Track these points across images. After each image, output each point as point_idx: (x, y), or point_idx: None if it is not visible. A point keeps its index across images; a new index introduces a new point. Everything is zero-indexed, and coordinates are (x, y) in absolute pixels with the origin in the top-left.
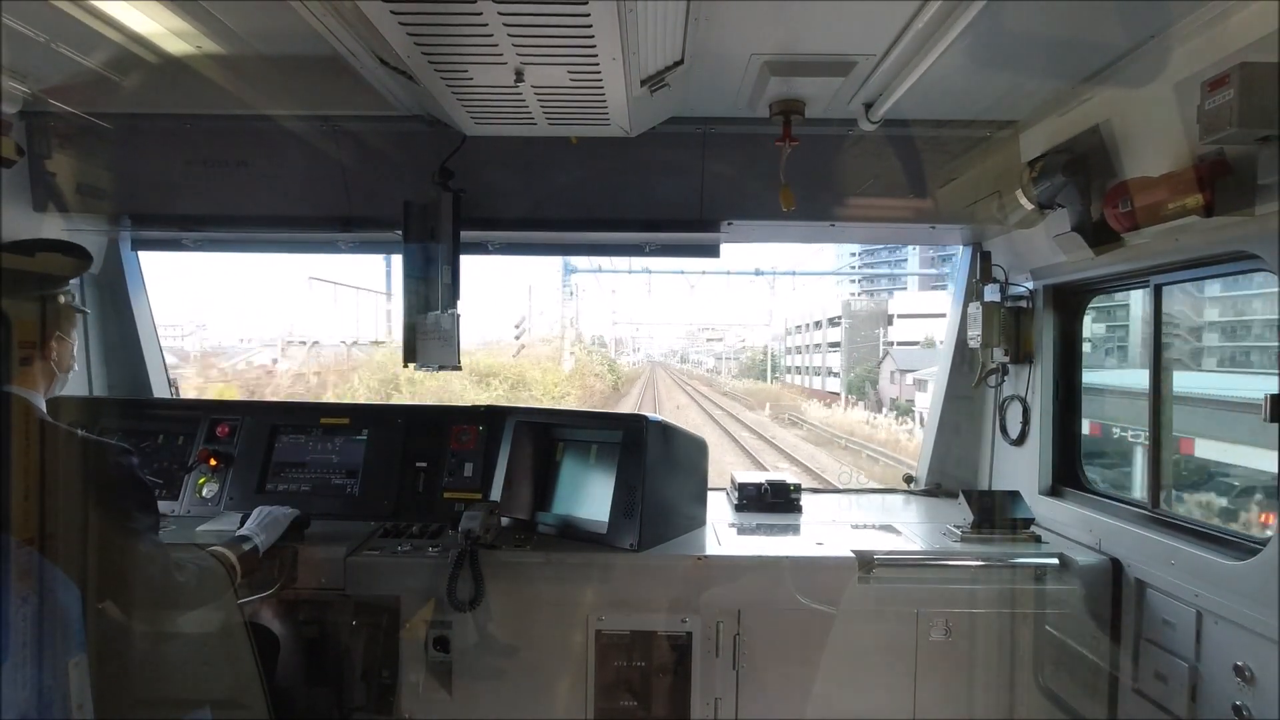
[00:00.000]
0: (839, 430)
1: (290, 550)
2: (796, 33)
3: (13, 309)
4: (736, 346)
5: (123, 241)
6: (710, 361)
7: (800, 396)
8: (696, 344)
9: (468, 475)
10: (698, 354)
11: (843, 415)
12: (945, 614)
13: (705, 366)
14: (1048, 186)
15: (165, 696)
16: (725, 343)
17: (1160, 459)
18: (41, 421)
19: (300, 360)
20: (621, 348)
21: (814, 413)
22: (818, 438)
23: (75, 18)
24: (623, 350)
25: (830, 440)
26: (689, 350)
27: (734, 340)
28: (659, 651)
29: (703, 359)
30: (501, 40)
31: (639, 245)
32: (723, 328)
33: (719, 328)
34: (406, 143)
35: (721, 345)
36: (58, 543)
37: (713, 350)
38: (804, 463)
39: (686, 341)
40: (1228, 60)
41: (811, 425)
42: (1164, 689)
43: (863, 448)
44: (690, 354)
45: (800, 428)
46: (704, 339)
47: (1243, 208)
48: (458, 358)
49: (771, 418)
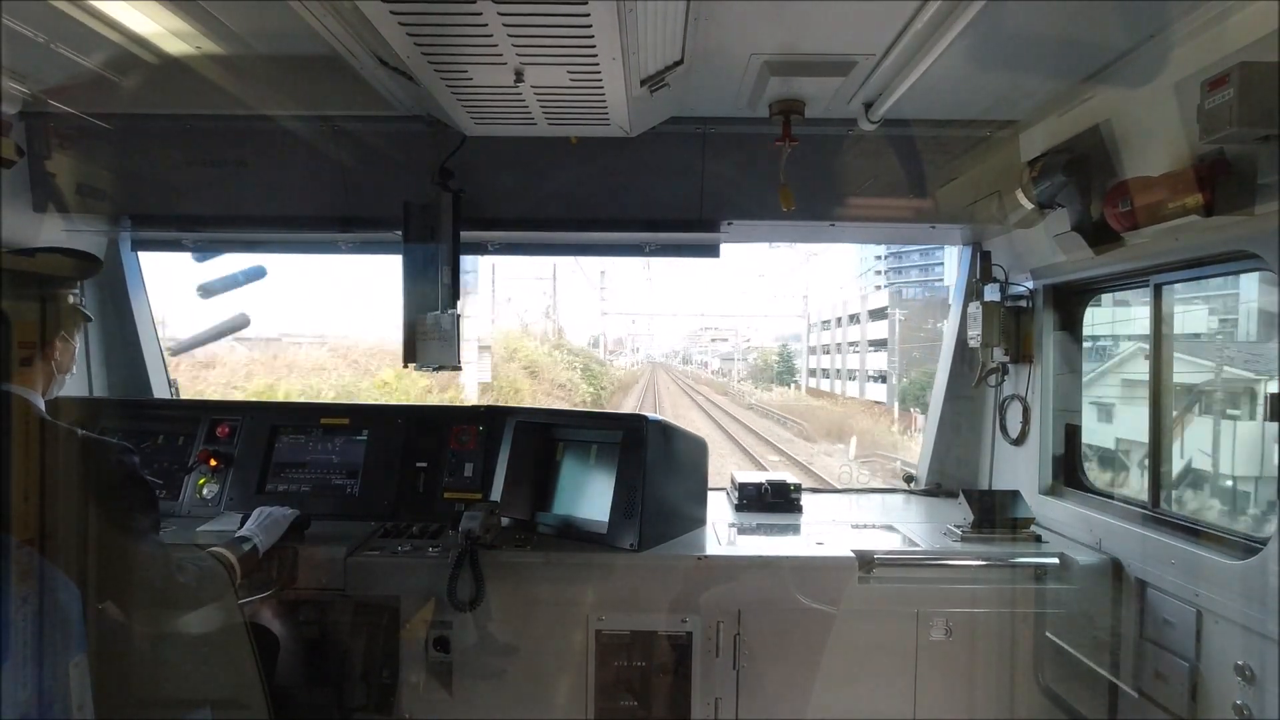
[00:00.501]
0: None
1: (290, 550)
2: (796, 33)
3: (17, 309)
4: (742, 346)
5: (122, 242)
6: (715, 363)
7: (870, 416)
8: (699, 343)
9: (468, 475)
10: (701, 354)
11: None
12: (945, 614)
13: (711, 369)
14: (1048, 186)
15: (165, 697)
16: (730, 343)
17: (1160, 458)
18: (41, 420)
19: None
20: (620, 347)
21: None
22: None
23: (75, 18)
24: (620, 350)
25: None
26: (690, 350)
27: (739, 340)
28: (659, 651)
29: (707, 359)
30: (501, 40)
31: (639, 245)
32: (726, 329)
33: (723, 327)
34: (406, 143)
35: (727, 345)
36: (58, 543)
37: (717, 350)
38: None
39: (688, 341)
40: (1227, 60)
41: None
42: (1164, 688)
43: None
44: (693, 354)
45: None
46: (708, 338)
47: (1242, 207)
48: (458, 358)
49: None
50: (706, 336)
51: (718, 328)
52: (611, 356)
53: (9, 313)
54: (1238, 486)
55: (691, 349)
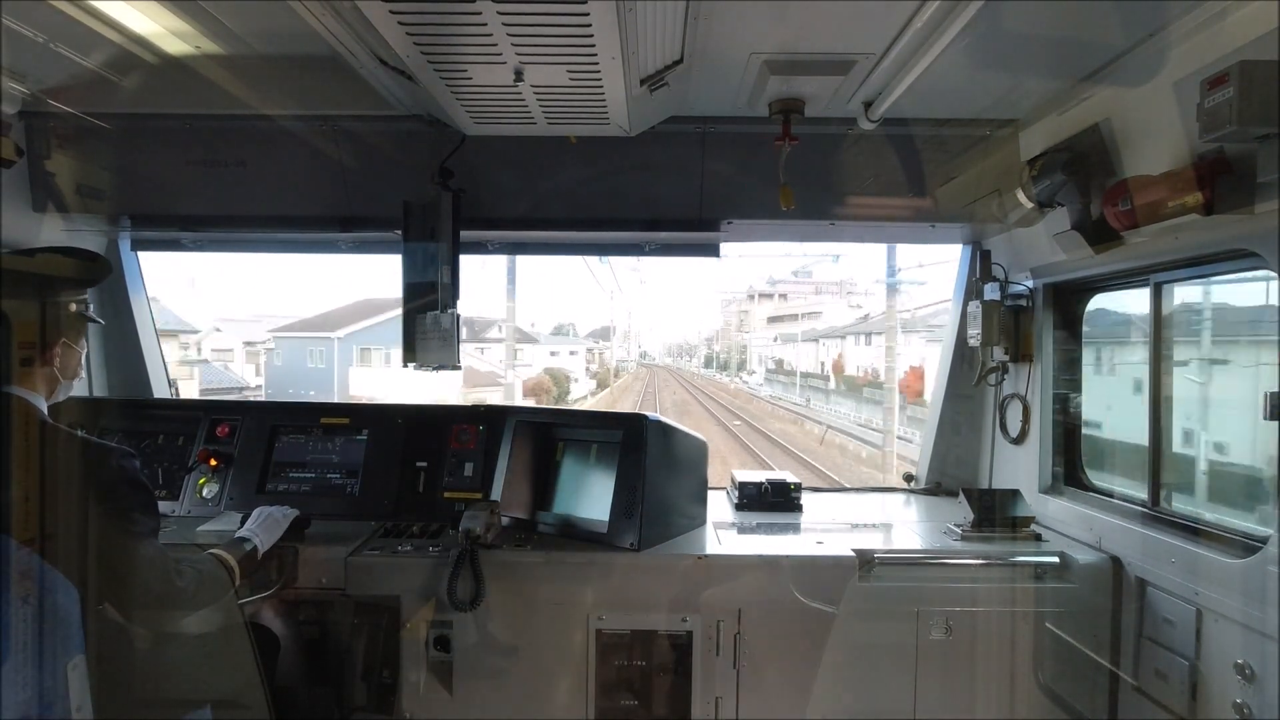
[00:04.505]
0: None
1: (290, 550)
2: (796, 32)
3: (18, 309)
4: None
5: (122, 241)
6: (758, 371)
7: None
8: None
9: (468, 475)
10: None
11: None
12: (945, 613)
13: (754, 380)
14: (1047, 185)
15: (166, 697)
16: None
17: (1160, 457)
18: (42, 423)
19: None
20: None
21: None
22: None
23: (75, 18)
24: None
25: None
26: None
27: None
28: (659, 651)
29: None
30: (501, 40)
31: (638, 245)
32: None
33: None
34: (406, 143)
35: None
36: (58, 544)
37: (767, 352)
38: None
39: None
40: (1227, 58)
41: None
42: (1164, 687)
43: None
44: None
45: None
46: (765, 331)
47: (1242, 206)
48: (457, 357)
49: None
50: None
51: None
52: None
53: (10, 313)
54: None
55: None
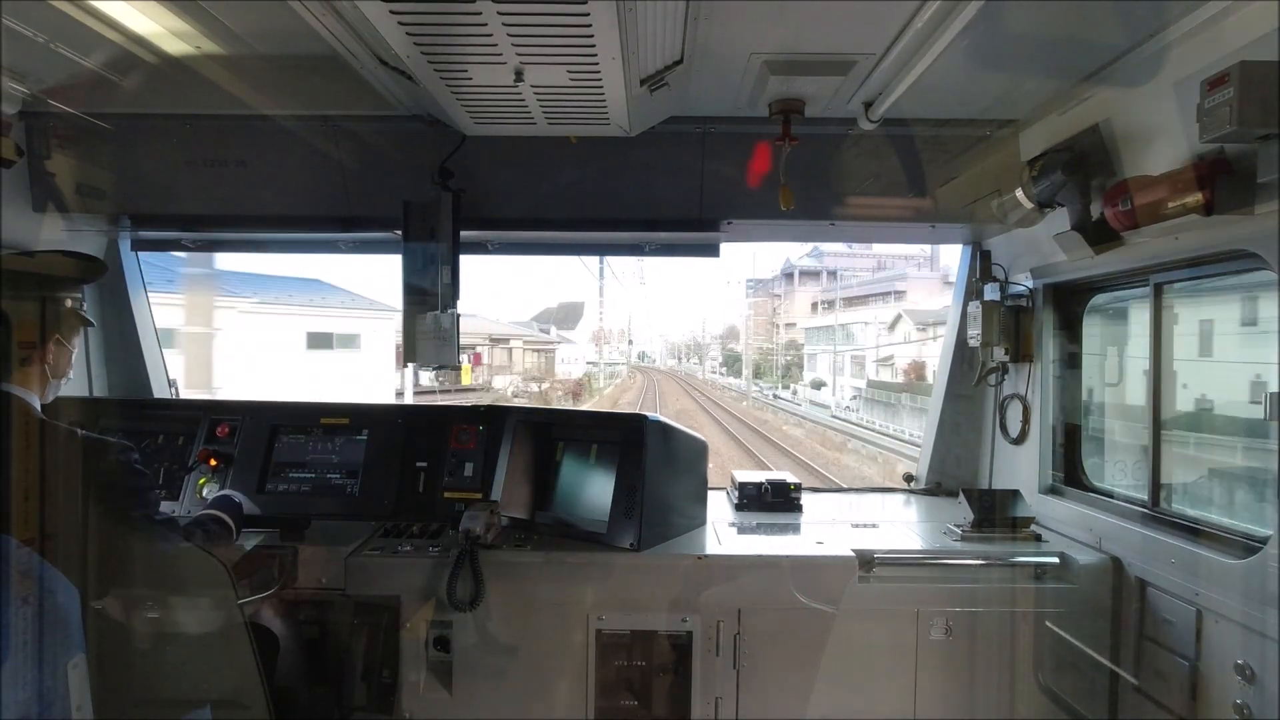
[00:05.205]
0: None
1: (290, 550)
2: (796, 32)
3: (16, 309)
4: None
5: (122, 241)
6: (832, 382)
7: None
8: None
9: (468, 475)
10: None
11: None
12: (945, 613)
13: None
14: (1047, 185)
15: (165, 696)
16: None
17: (1160, 458)
18: (41, 421)
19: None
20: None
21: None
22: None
23: (75, 18)
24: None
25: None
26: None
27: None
28: (659, 651)
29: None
30: (501, 40)
31: (638, 245)
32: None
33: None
34: (406, 143)
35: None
36: (58, 542)
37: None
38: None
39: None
40: (1227, 59)
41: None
42: (1164, 688)
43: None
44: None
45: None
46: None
47: (1242, 206)
48: (457, 357)
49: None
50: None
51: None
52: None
53: (9, 313)
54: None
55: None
